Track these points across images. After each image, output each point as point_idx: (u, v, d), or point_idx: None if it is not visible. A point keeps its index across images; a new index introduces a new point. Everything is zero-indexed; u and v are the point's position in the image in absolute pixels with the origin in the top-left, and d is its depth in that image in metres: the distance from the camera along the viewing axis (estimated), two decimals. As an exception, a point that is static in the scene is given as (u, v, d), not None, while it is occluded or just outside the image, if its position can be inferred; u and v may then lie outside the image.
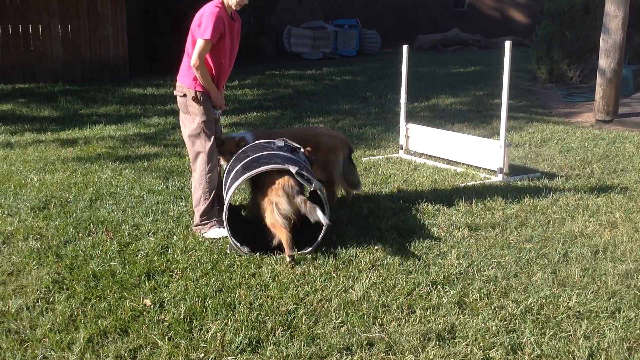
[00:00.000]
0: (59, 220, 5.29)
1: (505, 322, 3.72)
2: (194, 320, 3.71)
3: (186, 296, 3.98)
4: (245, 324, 3.66)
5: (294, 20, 20.44)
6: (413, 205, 5.71)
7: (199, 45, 4.84)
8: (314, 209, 4.48)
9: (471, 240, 4.97)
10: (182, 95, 5.06)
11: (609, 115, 9.87)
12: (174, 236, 5.01)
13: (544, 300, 3.96)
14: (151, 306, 3.87)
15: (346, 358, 3.38)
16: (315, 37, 19.92)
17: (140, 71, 14.85)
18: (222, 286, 4.15)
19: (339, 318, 3.74)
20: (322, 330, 3.61)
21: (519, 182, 6.53)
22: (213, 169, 5.07)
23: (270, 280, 4.24)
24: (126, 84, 13.44)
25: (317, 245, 4.64)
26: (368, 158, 7.59)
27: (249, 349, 3.43)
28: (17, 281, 4.23)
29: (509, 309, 3.86)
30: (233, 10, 5.01)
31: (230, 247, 4.70)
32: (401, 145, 7.81)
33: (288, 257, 4.51)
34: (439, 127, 8.47)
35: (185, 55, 5.07)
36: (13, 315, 3.77)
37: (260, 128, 9.27)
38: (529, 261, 4.57)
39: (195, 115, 5.03)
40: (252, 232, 4.79)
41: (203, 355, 3.39)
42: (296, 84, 14.03)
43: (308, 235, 4.67)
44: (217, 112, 5.19)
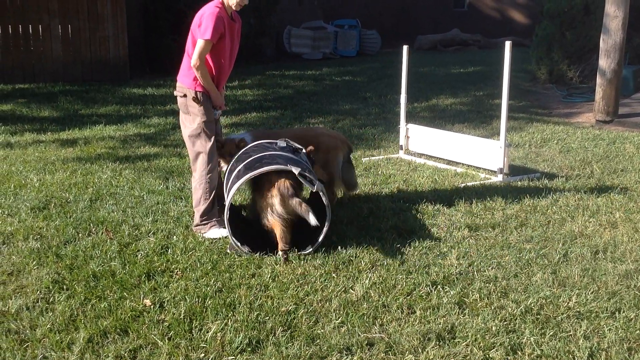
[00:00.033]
0: (59, 221, 5.29)
1: (505, 323, 3.72)
2: (194, 321, 3.71)
3: (186, 296, 3.98)
4: (245, 324, 3.66)
5: (294, 21, 20.44)
6: (413, 206, 5.72)
7: (199, 45, 4.84)
8: (308, 211, 4.48)
9: (471, 240, 4.97)
10: (182, 96, 5.06)
11: (609, 116, 9.87)
12: (174, 236, 5.01)
13: (544, 301, 3.96)
14: (151, 306, 3.87)
15: (346, 358, 3.38)
16: (315, 38, 19.91)
17: (141, 71, 14.84)
18: (222, 286, 4.15)
19: (339, 318, 3.74)
20: (322, 331, 3.61)
21: (519, 183, 6.53)
22: (213, 169, 5.07)
23: (270, 280, 4.24)
24: (126, 84, 13.43)
25: (318, 245, 4.65)
26: (368, 158, 7.59)
27: (249, 349, 3.43)
28: (17, 281, 4.23)
29: (509, 309, 3.86)
30: (233, 10, 5.02)
31: (230, 247, 4.70)
32: (401, 145, 7.81)
33: (281, 252, 4.52)
34: (439, 128, 8.47)
35: (185, 55, 5.08)
36: (13, 315, 3.77)
37: (260, 128, 9.26)
38: (529, 261, 4.57)
39: (195, 115, 5.03)
40: (253, 232, 4.79)
41: (203, 355, 3.39)
42: (296, 84, 14.03)
43: (308, 235, 4.67)
44: (217, 113, 5.19)
